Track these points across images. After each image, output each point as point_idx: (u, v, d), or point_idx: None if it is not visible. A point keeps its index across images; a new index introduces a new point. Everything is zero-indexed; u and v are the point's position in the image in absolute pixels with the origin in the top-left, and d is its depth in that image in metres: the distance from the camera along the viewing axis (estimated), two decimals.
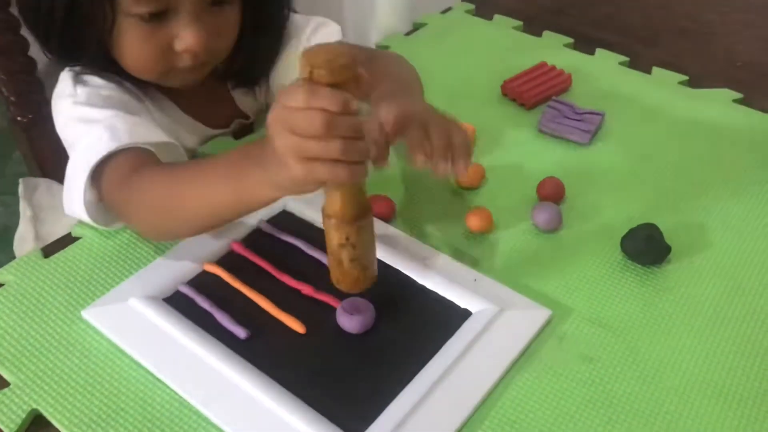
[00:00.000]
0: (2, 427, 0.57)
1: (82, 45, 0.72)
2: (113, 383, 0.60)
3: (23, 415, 0.58)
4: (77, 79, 0.75)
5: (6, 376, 0.61)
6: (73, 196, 0.69)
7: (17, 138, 1.03)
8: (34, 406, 0.59)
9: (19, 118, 1.00)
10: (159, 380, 0.60)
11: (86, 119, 0.72)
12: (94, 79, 0.76)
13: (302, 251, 0.71)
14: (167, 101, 0.83)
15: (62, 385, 0.60)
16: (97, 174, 0.69)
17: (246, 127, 0.91)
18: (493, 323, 0.63)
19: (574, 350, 0.63)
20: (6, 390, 0.60)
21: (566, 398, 0.60)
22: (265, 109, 0.94)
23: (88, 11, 0.69)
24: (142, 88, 0.79)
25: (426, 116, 0.63)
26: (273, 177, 0.54)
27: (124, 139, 0.69)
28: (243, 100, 0.90)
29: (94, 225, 0.72)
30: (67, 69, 0.77)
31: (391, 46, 1.07)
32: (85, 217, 0.70)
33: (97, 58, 0.73)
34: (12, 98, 0.99)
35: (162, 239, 0.71)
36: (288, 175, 0.51)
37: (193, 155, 0.86)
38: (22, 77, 0.98)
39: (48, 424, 0.58)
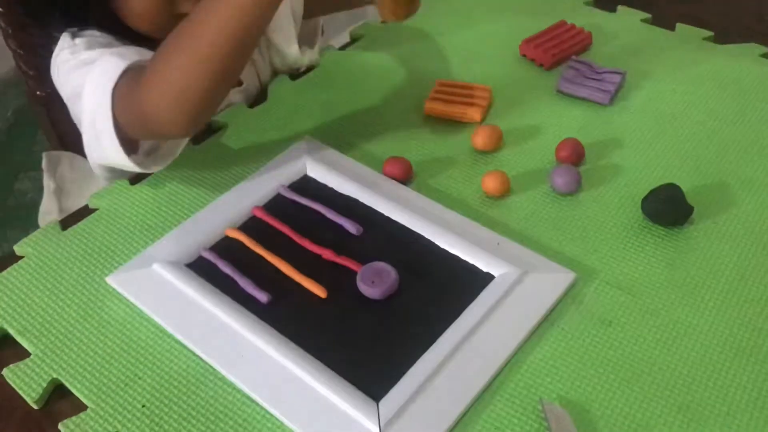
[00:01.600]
0: (24, 396, 0.58)
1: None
2: (131, 352, 0.61)
3: (44, 385, 0.59)
4: (75, 34, 0.76)
5: (27, 346, 0.62)
6: (102, 132, 0.67)
7: (37, 113, 1.04)
8: (55, 375, 0.59)
9: (38, 93, 1.00)
10: (178, 346, 0.61)
11: (89, 61, 0.72)
12: (92, 32, 0.76)
13: (323, 216, 0.70)
14: None
15: (81, 354, 0.61)
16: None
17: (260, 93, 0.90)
18: (516, 286, 0.63)
19: (593, 313, 0.62)
20: (27, 360, 0.61)
21: (585, 361, 0.59)
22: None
23: None
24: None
25: None
26: None
27: (134, 58, 0.68)
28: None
29: (128, 168, 0.69)
30: (64, 33, 0.77)
31: None
32: (120, 156, 0.68)
33: (101, 18, 0.74)
34: (30, 72, 0.99)
35: (193, 111, 0.63)
36: None
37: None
38: (40, 51, 0.98)
39: (68, 392, 0.59)
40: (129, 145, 0.69)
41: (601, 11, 1.01)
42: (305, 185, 0.74)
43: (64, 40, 0.76)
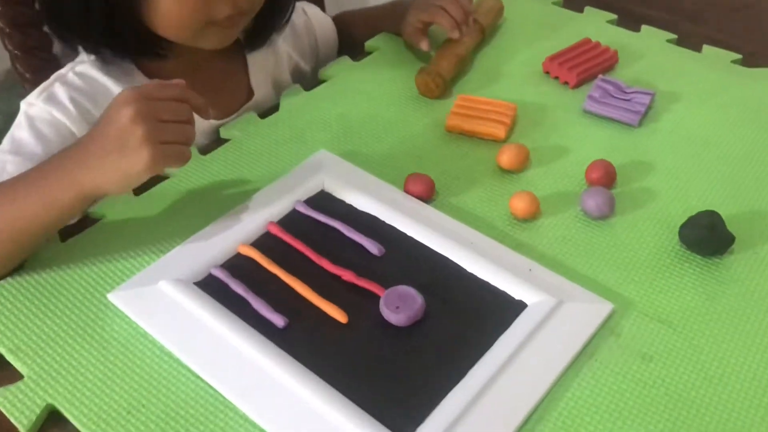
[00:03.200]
0: (15, 423, 0.53)
1: (114, 15, 0.70)
2: (134, 377, 0.56)
3: (38, 411, 0.54)
4: (48, 90, 0.75)
5: (19, 367, 0.57)
6: None
7: None
8: (50, 400, 0.54)
9: None
10: (186, 372, 0.56)
11: (17, 130, 0.74)
12: (62, 97, 0.75)
13: (342, 234, 0.66)
14: None
15: (79, 378, 0.56)
16: None
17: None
18: (552, 316, 0.58)
19: (632, 347, 0.58)
20: (20, 383, 0.56)
21: (626, 400, 0.55)
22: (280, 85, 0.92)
23: None
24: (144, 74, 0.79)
25: None
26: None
27: None
28: (259, 75, 0.88)
29: None
30: (57, 73, 0.77)
31: None
32: None
33: (129, 30, 0.72)
34: (27, 75, 0.95)
35: None
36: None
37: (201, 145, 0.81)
38: (39, 54, 0.94)
39: (64, 419, 0.54)
40: None
41: (625, 30, 0.98)
42: (322, 201, 0.70)
43: (41, 87, 0.76)
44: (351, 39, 1.01)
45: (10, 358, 0.58)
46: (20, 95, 0.95)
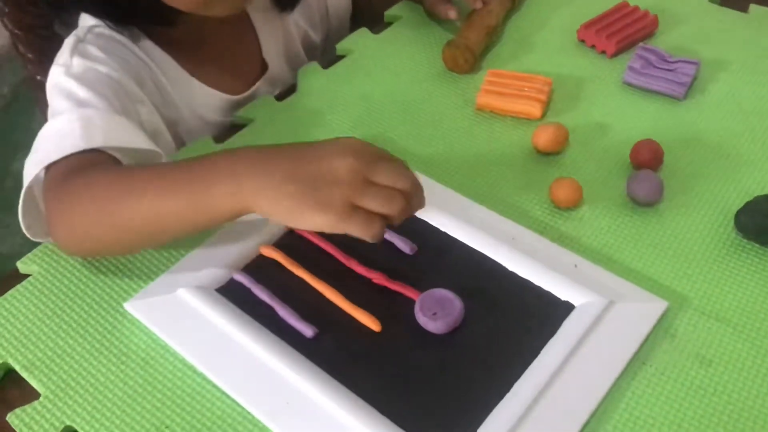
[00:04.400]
0: None
1: None
2: (156, 394, 0.52)
3: None
4: (76, 49, 0.68)
5: (35, 385, 0.54)
6: (25, 178, 0.61)
7: (37, 98, 0.95)
8: (68, 422, 0.51)
9: (39, 78, 0.91)
10: (210, 387, 0.53)
11: (70, 95, 0.64)
12: (95, 51, 0.68)
13: None
14: (177, 68, 0.75)
15: (98, 396, 0.52)
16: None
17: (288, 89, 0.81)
18: (602, 318, 0.54)
19: (689, 350, 0.54)
20: (36, 403, 0.52)
21: (684, 410, 0.51)
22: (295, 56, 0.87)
23: None
24: (151, 53, 0.73)
25: None
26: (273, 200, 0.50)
27: (97, 141, 0.59)
28: (270, 46, 0.83)
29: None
30: (72, 34, 0.70)
31: None
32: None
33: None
34: (29, 55, 0.91)
35: (85, 252, 0.61)
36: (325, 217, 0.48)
37: (218, 128, 0.77)
38: (40, 32, 0.89)
39: None
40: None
41: None
42: None
43: (65, 49, 0.69)
44: (368, 5, 0.95)
45: (24, 374, 0.54)
46: (27, 76, 0.91)
